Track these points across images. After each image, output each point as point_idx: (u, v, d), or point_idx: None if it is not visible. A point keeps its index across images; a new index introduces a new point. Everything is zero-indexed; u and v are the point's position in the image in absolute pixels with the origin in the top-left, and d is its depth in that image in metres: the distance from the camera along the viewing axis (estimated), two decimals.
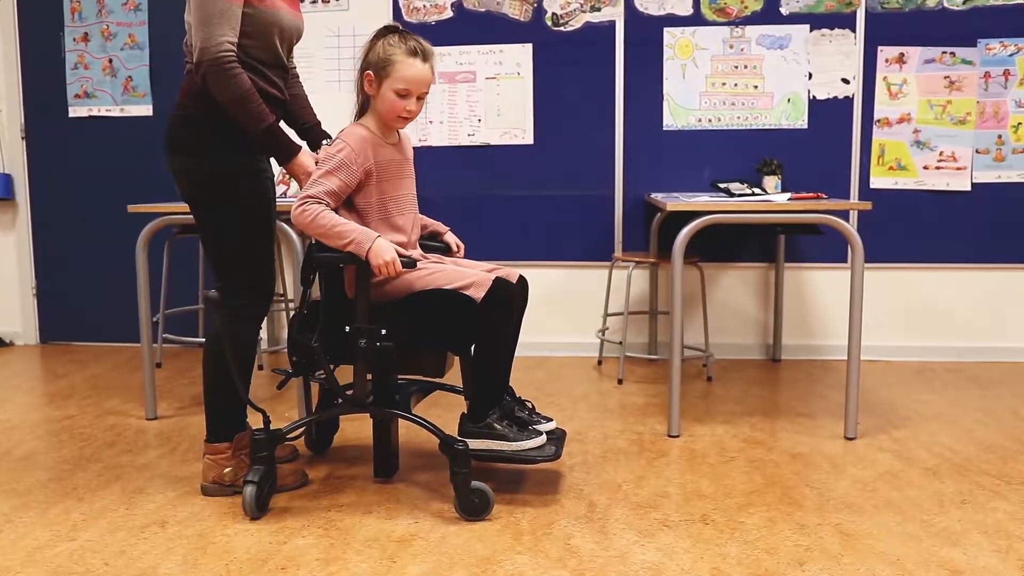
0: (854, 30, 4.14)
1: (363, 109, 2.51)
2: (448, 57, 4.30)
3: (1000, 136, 4.13)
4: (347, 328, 2.39)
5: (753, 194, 3.43)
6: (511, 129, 4.32)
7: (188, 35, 2.38)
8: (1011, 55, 4.09)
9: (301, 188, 2.42)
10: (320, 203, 2.32)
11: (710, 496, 2.51)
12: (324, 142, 2.60)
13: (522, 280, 2.60)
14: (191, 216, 2.51)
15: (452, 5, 4.30)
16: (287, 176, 4.19)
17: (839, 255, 4.21)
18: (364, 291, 2.36)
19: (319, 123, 2.71)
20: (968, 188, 4.16)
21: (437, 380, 2.62)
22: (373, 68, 2.40)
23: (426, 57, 2.40)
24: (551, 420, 2.58)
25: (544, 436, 2.46)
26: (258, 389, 3.77)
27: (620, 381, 3.88)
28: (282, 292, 4.51)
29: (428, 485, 2.60)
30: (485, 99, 4.33)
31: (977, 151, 4.14)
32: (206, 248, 2.48)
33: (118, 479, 2.68)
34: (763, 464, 2.78)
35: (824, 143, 4.19)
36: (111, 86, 4.60)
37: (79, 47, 4.61)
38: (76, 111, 4.65)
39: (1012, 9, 4.07)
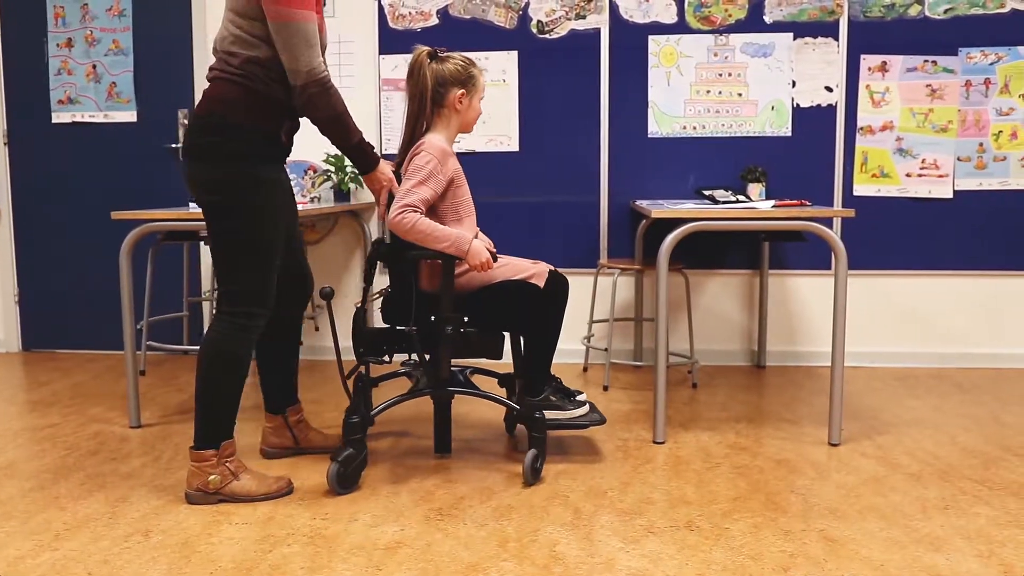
0: (837, 39, 4.17)
1: (428, 125, 2.77)
2: None
3: (981, 144, 4.17)
4: (432, 317, 2.70)
5: (737, 201, 3.45)
6: (496, 136, 4.33)
7: (226, 43, 2.43)
8: (991, 64, 4.13)
9: (377, 196, 2.71)
10: (416, 211, 2.59)
11: (695, 502, 2.52)
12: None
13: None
14: (179, 223, 2.51)
15: (438, 12, 4.31)
16: None
17: (823, 262, 4.24)
18: (449, 284, 2.65)
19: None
20: (950, 196, 4.20)
21: (475, 365, 3.07)
22: (462, 86, 2.74)
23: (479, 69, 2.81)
24: (582, 392, 2.91)
25: (587, 405, 2.87)
26: (244, 398, 3.76)
27: (606, 388, 3.89)
28: None
29: (413, 492, 2.60)
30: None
31: (959, 159, 4.18)
32: (214, 254, 2.48)
33: (101, 488, 2.67)
34: (748, 470, 2.79)
35: (808, 151, 4.22)
36: (95, 92, 4.59)
37: (62, 52, 4.59)
38: (59, 117, 4.63)
39: (992, 19, 4.11)
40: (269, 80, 2.40)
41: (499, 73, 4.29)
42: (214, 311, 2.46)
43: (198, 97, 4.45)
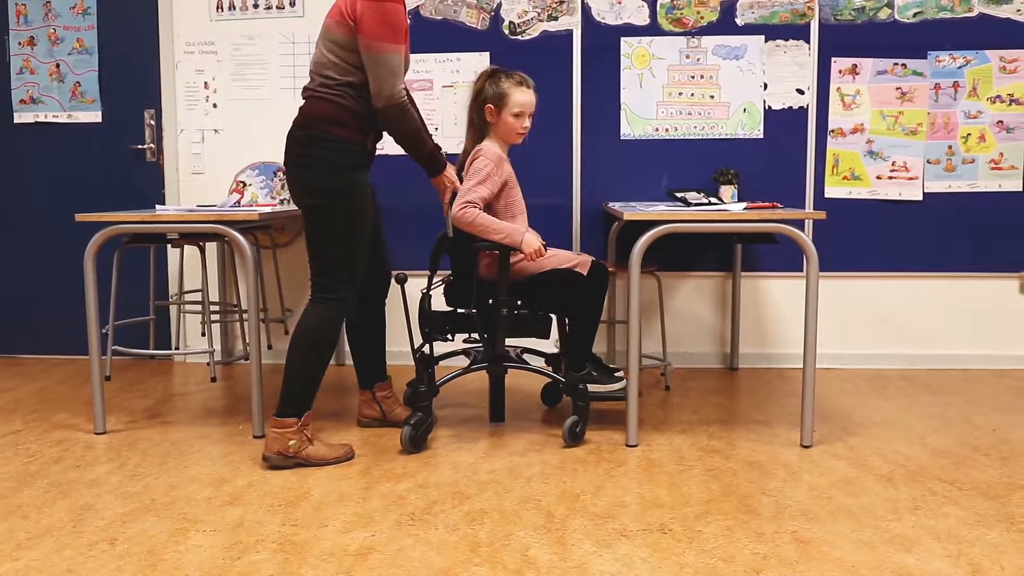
0: (808, 41, 4.21)
1: (481, 134, 3.20)
2: None
3: (950, 147, 4.22)
4: (490, 301, 3.11)
5: (710, 203, 3.47)
6: (459, 135, 4.31)
7: (323, 68, 2.84)
8: (960, 67, 4.19)
9: (442, 194, 3.12)
10: (476, 207, 3.01)
11: (668, 505, 2.53)
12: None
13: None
14: (145, 226, 2.52)
15: (408, 13, 4.28)
16: (240, 186, 4.17)
17: (795, 264, 4.27)
18: (505, 271, 3.07)
19: (438, 146, 3.13)
20: (920, 198, 4.25)
21: (522, 345, 3.54)
22: (492, 101, 3.15)
23: (529, 85, 3.19)
24: (620, 369, 3.27)
25: (624, 380, 3.18)
26: (215, 395, 3.73)
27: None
28: (235, 303, 4.47)
29: (385, 497, 2.59)
30: (442, 108, 4.34)
31: (928, 161, 4.24)
32: (311, 250, 2.87)
33: (65, 496, 2.63)
34: (720, 473, 2.81)
35: (779, 153, 4.26)
36: (58, 91, 4.53)
37: (24, 51, 4.53)
38: (21, 117, 4.57)
39: (960, 22, 4.17)
40: (361, 99, 2.81)
41: (471, 75, 4.28)
42: (309, 299, 2.86)
43: (165, 97, 4.46)
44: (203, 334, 4.32)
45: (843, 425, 3.35)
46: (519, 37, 4.28)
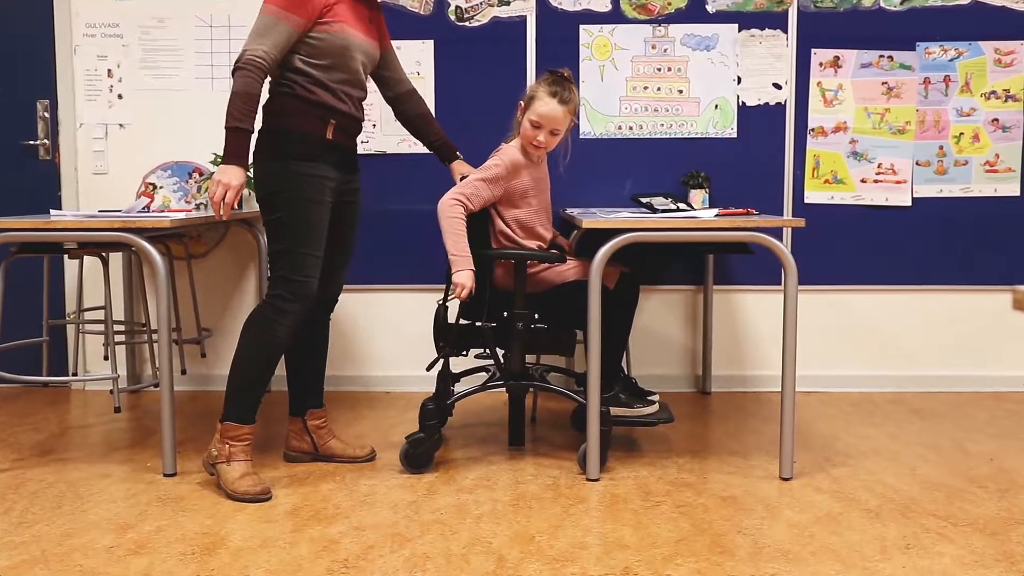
0: (786, 31, 4.28)
1: (515, 133, 3.32)
2: None
3: (941, 147, 4.31)
4: (504, 314, 3.23)
5: (678, 210, 3.50)
6: (409, 136, 4.30)
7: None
8: (951, 60, 4.28)
9: (211, 196, 2.93)
10: (469, 204, 3.12)
11: (633, 546, 2.53)
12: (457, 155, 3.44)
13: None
14: (38, 234, 2.50)
15: None
16: (150, 188, 4.12)
17: (772, 277, 4.32)
18: (522, 284, 3.17)
19: (447, 140, 3.44)
20: (909, 203, 4.33)
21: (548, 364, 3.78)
22: (524, 100, 3.25)
23: (564, 101, 3.19)
24: (655, 393, 3.37)
25: (658, 404, 3.31)
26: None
27: (533, 419, 3.89)
28: (144, 322, 4.40)
29: (314, 542, 2.56)
30: (381, 102, 4.29)
31: (918, 163, 4.32)
32: (268, 247, 3.08)
33: None
34: (691, 509, 2.82)
35: (755, 154, 4.31)
36: None
37: None
38: None
39: (952, 10, 4.26)
40: (309, 85, 2.96)
41: (413, 65, 4.28)
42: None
43: (61, 86, 4.42)
44: (106, 357, 4.24)
45: (826, 455, 3.38)
46: (467, 23, 4.29)
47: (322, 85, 2.98)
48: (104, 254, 3.97)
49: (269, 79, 2.99)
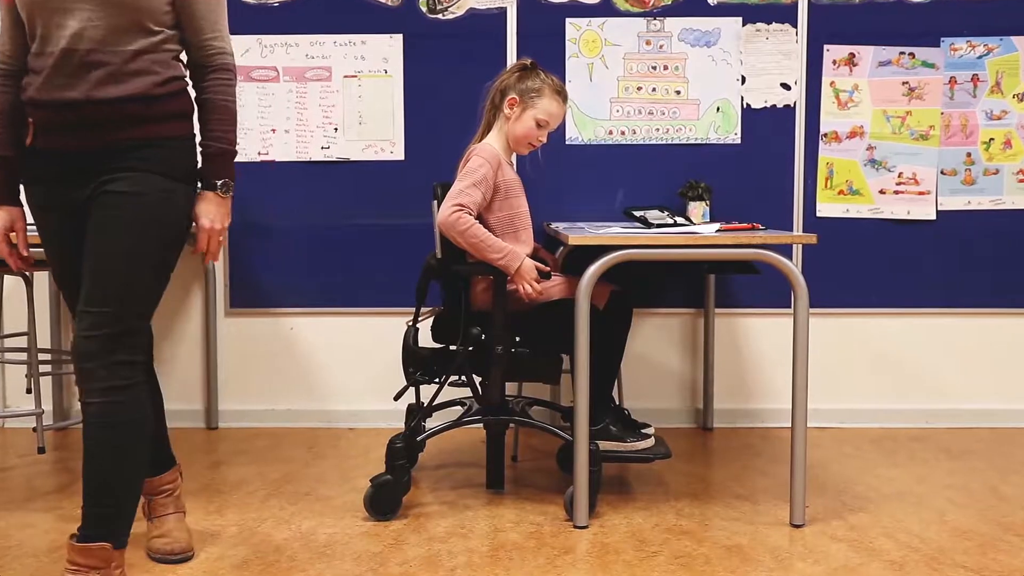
0: (795, 25, 4.29)
1: (488, 127, 3.39)
2: (296, 49, 4.27)
3: (969, 154, 4.32)
4: (483, 336, 3.15)
5: (675, 224, 3.49)
6: (376, 141, 4.31)
7: None
8: (980, 57, 4.30)
9: None
10: (470, 212, 3.12)
11: None
12: (220, 188, 2.55)
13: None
14: None
15: None
16: None
17: (780, 299, 4.31)
18: (501, 302, 3.14)
19: (221, 153, 2.56)
20: (933, 216, 4.34)
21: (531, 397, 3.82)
22: (519, 94, 3.29)
23: (565, 99, 3.36)
24: (649, 425, 3.39)
25: (653, 438, 3.32)
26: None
27: (515, 458, 3.87)
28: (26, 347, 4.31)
29: None
30: (344, 103, 4.32)
31: (943, 172, 4.33)
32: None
33: None
34: (691, 560, 2.80)
35: (761, 162, 4.31)
36: None
37: None
38: None
39: (980, 3, 4.28)
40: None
41: (380, 62, 4.27)
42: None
43: None
44: (29, 390, 4.18)
45: (843, 499, 3.37)
46: (440, 16, 4.29)
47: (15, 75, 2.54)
48: (28, 273, 3.92)
49: None
